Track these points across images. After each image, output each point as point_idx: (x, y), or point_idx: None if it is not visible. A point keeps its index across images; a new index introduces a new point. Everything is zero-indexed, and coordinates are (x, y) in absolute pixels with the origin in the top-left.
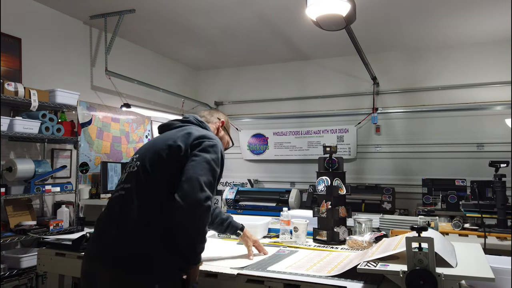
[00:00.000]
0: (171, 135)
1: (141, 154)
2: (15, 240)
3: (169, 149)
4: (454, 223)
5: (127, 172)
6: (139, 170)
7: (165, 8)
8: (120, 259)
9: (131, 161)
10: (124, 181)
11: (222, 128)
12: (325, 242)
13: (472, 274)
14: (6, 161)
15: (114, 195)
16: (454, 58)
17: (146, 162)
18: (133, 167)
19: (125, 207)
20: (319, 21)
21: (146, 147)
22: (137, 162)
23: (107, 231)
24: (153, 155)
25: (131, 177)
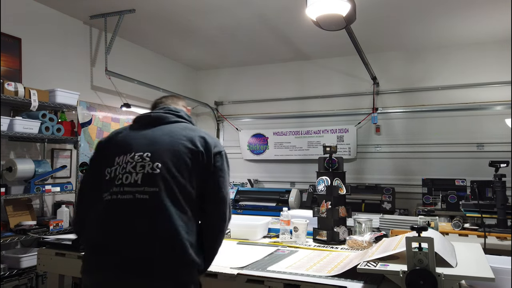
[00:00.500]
0: (179, 133)
1: (155, 153)
2: (15, 240)
3: (191, 153)
4: (454, 223)
5: (140, 172)
6: (164, 173)
7: (165, 8)
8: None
9: (140, 159)
10: (142, 184)
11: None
12: (325, 242)
13: (472, 274)
14: (6, 161)
15: (120, 198)
16: (454, 58)
17: (169, 165)
18: (153, 169)
19: (154, 213)
20: (319, 21)
21: (159, 146)
22: (156, 163)
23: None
24: (175, 158)
25: (153, 180)
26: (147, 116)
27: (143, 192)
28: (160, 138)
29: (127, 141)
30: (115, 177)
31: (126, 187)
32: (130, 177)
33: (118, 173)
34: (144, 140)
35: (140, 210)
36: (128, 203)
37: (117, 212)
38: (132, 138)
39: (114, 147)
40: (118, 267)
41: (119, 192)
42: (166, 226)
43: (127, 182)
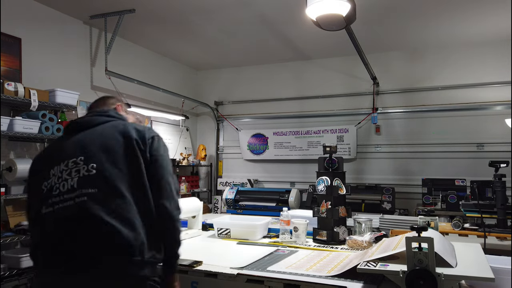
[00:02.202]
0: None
1: (88, 155)
2: (15, 240)
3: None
4: (454, 223)
5: (75, 177)
6: (100, 172)
7: (165, 8)
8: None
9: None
10: (78, 187)
11: (124, 111)
12: (325, 242)
13: (472, 274)
14: (6, 161)
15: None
16: (454, 58)
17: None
18: (88, 170)
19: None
20: (319, 21)
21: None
22: (90, 164)
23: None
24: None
25: (90, 181)
26: (75, 123)
27: (81, 194)
28: (91, 140)
29: (59, 151)
30: (51, 188)
31: (65, 195)
32: (66, 184)
33: (54, 183)
34: (75, 146)
35: (81, 213)
36: (69, 209)
37: (59, 219)
38: (63, 147)
39: (46, 161)
40: (64, 267)
41: (59, 202)
42: (108, 227)
43: (65, 189)
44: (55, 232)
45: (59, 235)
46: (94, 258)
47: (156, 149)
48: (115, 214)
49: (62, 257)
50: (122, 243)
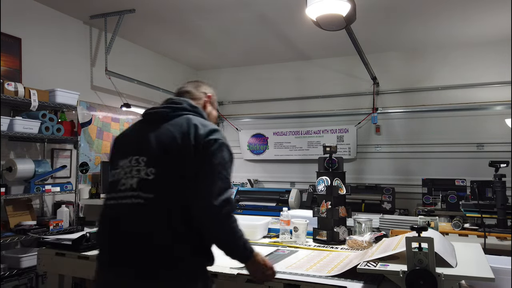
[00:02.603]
0: (175, 131)
1: (150, 158)
2: (15, 240)
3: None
4: (454, 223)
5: (136, 177)
6: (157, 179)
7: (165, 8)
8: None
9: (136, 163)
10: (137, 188)
11: (209, 103)
12: (325, 242)
13: (472, 274)
14: (6, 161)
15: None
16: (454, 58)
17: (163, 170)
18: (147, 174)
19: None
20: (319, 21)
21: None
22: (150, 168)
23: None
24: (169, 162)
25: (147, 186)
26: (149, 114)
27: (138, 196)
28: (157, 139)
29: (129, 143)
30: (118, 181)
31: (127, 192)
32: (129, 182)
33: (121, 177)
34: (142, 142)
35: (135, 214)
36: (125, 207)
37: (116, 216)
38: (133, 139)
39: (120, 147)
40: (114, 267)
41: (122, 197)
42: (159, 232)
43: (128, 186)
44: (114, 226)
45: (115, 231)
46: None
47: (211, 155)
48: (168, 222)
49: (115, 256)
50: (173, 256)
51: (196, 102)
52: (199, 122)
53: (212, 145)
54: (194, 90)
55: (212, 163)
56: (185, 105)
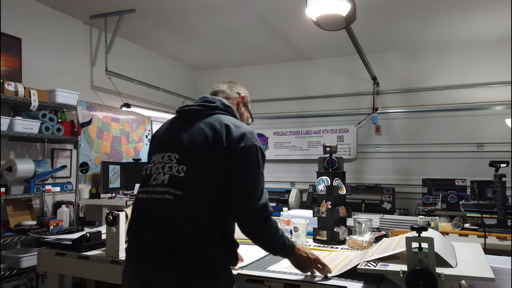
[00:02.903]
0: (208, 130)
1: (182, 155)
2: (15, 240)
3: (217, 151)
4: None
5: (167, 173)
6: (188, 176)
7: (165, 8)
8: (177, 265)
9: (168, 160)
10: (168, 184)
11: (242, 104)
12: (325, 242)
13: (472, 274)
14: (6, 161)
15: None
16: (454, 58)
17: (194, 169)
18: (178, 172)
19: (179, 214)
20: (319, 21)
21: (187, 147)
22: (181, 166)
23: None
24: (201, 160)
25: (178, 183)
26: (182, 111)
27: (168, 192)
28: (189, 137)
29: (163, 139)
30: (150, 176)
31: (158, 187)
32: (160, 177)
33: (152, 172)
34: (174, 139)
35: (165, 209)
36: (156, 202)
37: (147, 210)
38: (167, 136)
39: (155, 143)
40: (142, 262)
41: (153, 192)
42: (187, 229)
43: (159, 182)
44: (145, 221)
45: (146, 226)
46: (173, 264)
47: (246, 160)
48: (195, 222)
49: (144, 251)
50: (200, 254)
51: (230, 102)
52: (232, 122)
53: (247, 150)
54: (228, 89)
55: (248, 168)
56: (218, 104)
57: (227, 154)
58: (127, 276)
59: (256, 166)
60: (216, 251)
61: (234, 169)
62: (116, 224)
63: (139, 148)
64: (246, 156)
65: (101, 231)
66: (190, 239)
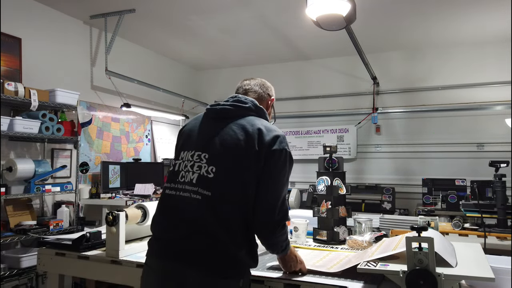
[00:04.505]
0: (240, 131)
1: (212, 155)
2: (15, 240)
3: (248, 154)
4: (454, 223)
5: (196, 172)
6: (217, 177)
7: (165, 8)
8: (203, 263)
9: (198, 159)
10: (196, 184)
11: (271, 106)
12: (325, 242)
13: (472, 274)
14: (6, 161)
15: (179, 195)
16: (454, 58)
17: (224, 170)
18: (207, 172)
19: (204, 214)
20: (319, 21)
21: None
22: (211, 166)
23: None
24: (231, 162)
25: (206, 183)
26: (214, 110)
27: (196, 192)
28: (220, 138)
29: (193, 136)
30: (178, 172)
31: (186, 185)
32: (189, 175)
33: (181, 169)
34: (205, 138)
35: (193, 208)
36: (184, 200)
37: (175, 207)
38: (197, 134)
39: (184, 139)
40: (165, 257)
41: (181, 190)
42: (212, 229)
43: (187, 180)
44: (172, 217)
45: (172, 222)
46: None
47: (275, 166)
48: (222, 223)
49: (170, 247)
50: (224, 253)
51: (260, 103)
52: (264, 126)
53: (277, 155)
54: (260, 90)
55: (276, 170)
56: (250, 105)
57: (258, 157)
58: (152, 270)
59: (283, 170)
60: (241, 253)
61: (263, 170)
62: (116, 224)
63: (139, 148)
64: (276, 159)
65: (101, 231)
66: (216, 240)
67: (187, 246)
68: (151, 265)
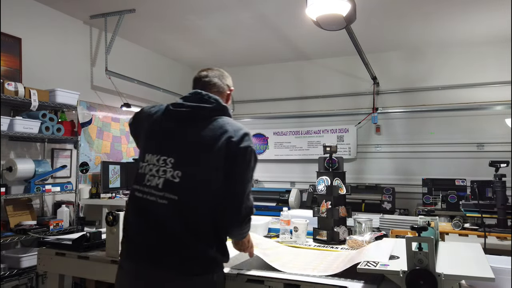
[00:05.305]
0: (206, 136)
1: (177, 160)
2: (15, 240)
3: (215, 158)
4: (454, 223)
5: (162, 177)
6: (183, 182)
7: (165, 8)
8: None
9: (163, 164)
10: (162, 189)
11: (230, 96)
12: (325, 242)
13: (472, 274)
14: (6, 161)
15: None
16: (454, 58)
17: (190, 174)
18: (173, 177)
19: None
20: (319, 21)
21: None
22: (176, 171)
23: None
24: (197, 166)
25: (172, 188)
26: (178, 112)
27: (163, 197)
28: (185, 141)
29: (156, 137)
30: (144, 175)
31: (153, 190)
32: (155, 180)
33: (146, 172)
34: (170, 142)
35: (161, 212)
36: (152, 204)
37: (145, 209)
38: (161, 136)
39: (147, 137)
40: (140, 256)
41: (148, 193)
42: (180, 231)
43: (154, 184)
44: (139, 219)
45: (140, 224)
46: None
47: (242, 164)
48: (190, 226)
49: (141, 250)
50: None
51: (221, 96)
52: (232, 127)
53: (244, 154)
54: (220, 82)
55: (242, 168)
56: (216, 105)
57: (225, 158)
58: (125, 272)
59: (249, 168)
60: (211, 252)
61: (230, 170)
62: (116, 224)
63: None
64: (243, 158)
65: (101, 231)
66: (186, 242)
67: (157, 249)
68: (124, 267)
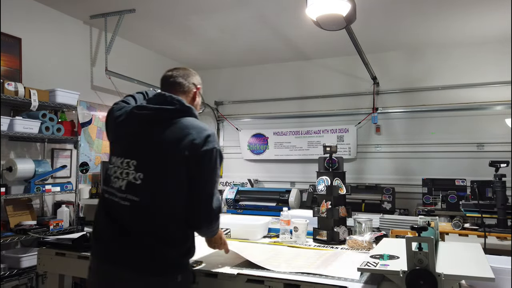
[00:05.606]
0: (168, 138)
1: (140, 162)
2: (15, 240)
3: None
4: (454, 223)
5: (125, 179)
6: (145, 184)
7: (165, 8)
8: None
9: (126, 166)
10: (125, 190)
11: (198, 94)
12: (325, 242)
13: (472, 274)
14: (6, 161)
15: (112, 199)
16: (454, 58)
17: (152, 177)
18: (135, 179)
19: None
20: (319, 21)
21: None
22: (138, 173)
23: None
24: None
25: (134, 190)
26: (141, 115)
27: (125, 199)
28: (148, 143)
29: (121, 141)
30: (110, 177)
31: (117, 192)
32: (118, 182)
33: (111, 173)
34: (133, 144)
35: (124, 213)
36: (116, 204)
37: (111, 210)
38: (125, 139)
39: (113, 139)
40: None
41: (113, 194)
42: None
43: (117, 186)
44: (107, 220)
45: (109, 226)
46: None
47: (207, 165)
48: (150, 228)
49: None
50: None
51: (187, 96)
52: (195, 129)
53: (208, 155)
54: (185, 81)
55: (208, 172)
56: (179, 107)
57: (189, 160)
58: (92, 272)
59: (215, 168)
60: (174, 251)
61: (195, 171)
62: None
63: None
64: (208, 159)
65: None
66: (148, 242)
67: (122, 249)
68: (91, 267)
